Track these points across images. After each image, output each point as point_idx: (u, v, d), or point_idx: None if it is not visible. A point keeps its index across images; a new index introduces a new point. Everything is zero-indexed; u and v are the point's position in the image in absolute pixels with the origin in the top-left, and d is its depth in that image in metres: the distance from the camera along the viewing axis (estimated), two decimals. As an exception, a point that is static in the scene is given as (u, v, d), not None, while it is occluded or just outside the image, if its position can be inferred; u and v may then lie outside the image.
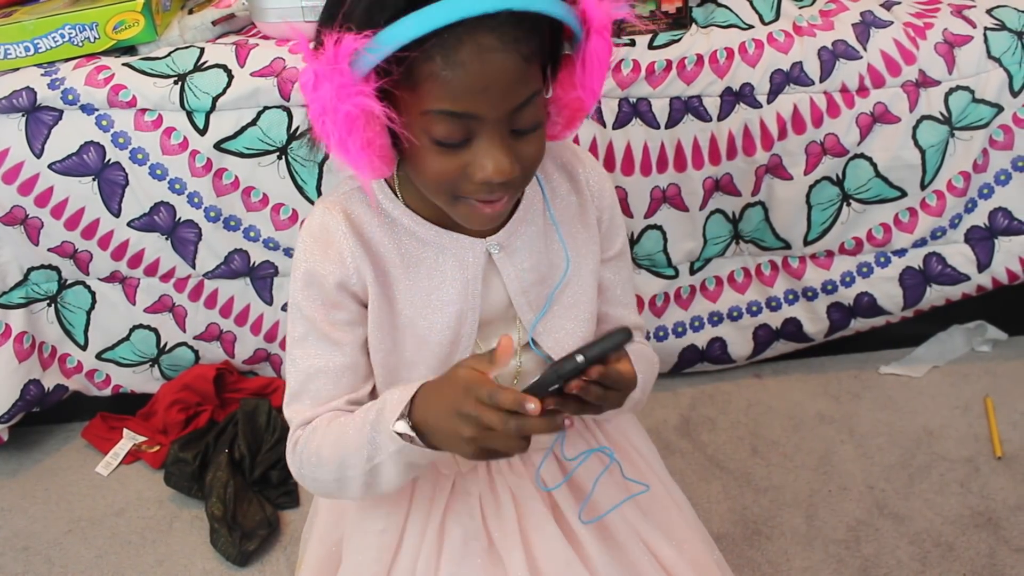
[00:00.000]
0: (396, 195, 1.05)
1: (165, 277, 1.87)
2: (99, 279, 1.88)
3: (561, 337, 1.11)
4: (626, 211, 1.84)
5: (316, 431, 1.05)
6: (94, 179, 1.76)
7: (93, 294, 1.89)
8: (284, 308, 1.90)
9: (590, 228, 1.13)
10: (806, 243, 1.89)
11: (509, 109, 0.90)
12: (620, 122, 1.77)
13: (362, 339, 1.07)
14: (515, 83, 0.89)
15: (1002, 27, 1.78)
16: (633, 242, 1.88)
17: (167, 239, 1.82)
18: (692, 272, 1.94)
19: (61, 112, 1.72)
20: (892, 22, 1.79)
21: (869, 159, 1.81)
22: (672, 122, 1.77)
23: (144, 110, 1.72)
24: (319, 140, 0.93)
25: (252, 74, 1.71)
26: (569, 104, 0.99)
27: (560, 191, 1.13)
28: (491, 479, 1.14)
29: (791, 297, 1.96)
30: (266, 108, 1.72)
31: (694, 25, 1.81)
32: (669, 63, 1.74)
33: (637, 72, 1.73)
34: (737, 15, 1.82)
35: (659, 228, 1.86)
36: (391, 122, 0.88)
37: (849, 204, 1.85)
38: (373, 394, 1.10)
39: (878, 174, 1.82)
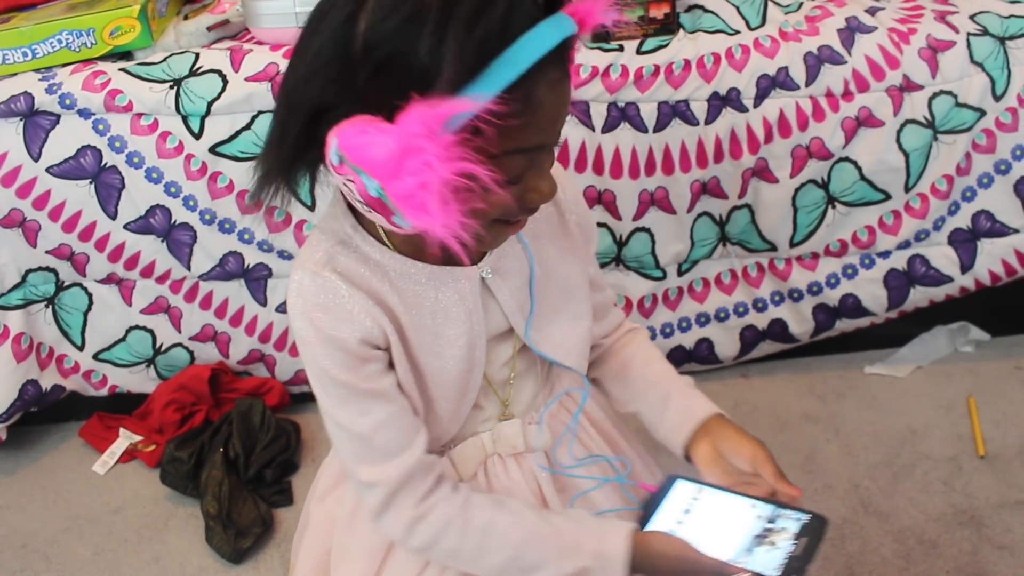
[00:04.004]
0: (384, 242, 1.01)
1: (161, 279, 1.89)
2: (96, 281, 1.89)
3: (558, 339, 1.12)
4: (615, 214, 1.87)
5: (473, 522, 1.02)
6: (91, 182, 1.78)
7: (90, 296, 1.91)
8: (278, 309, 1.92)
9: (571, 235, 1.14)
10: (792, 245, 1.91)
11: (561, 130, 0.91)
12: (609, 126, 1.79)
13: (396, 380, 1.02)
14: (568, 105, 0.90)
15: (984, 33, 1.80)
16: (622, 244, 1.90)
17: (163, 241, 1.84)
18: (680, 274, 1.96)
19: (58, 116, 1.74)
20: (876, 27, 1.81)
21: (854, 162, 1.83)
22: (660, 126, 1.79)
23: (140, 114, 1.74)
24: (383, 214, 0.86)
25: (246, 79, 1.73)
26: None
27: (545, 219, 1.12)
28: (489, 485, 1.14)
29: (777, 298, 1.98)
30: (260, 112, 1.74)
31: (681, 30, 1.82)
32: (657, 68, 1.76)
33: (625, 77, 1.76)
34: (724, 20, 1.84)
35: (647, 231, 1.89)
36: (497, 184, 0.82)
37: (834, 207, 1.87)
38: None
39: (863, 177, 1.84)
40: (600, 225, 1.88)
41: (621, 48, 1.78)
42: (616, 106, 1.78)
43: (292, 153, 0.92)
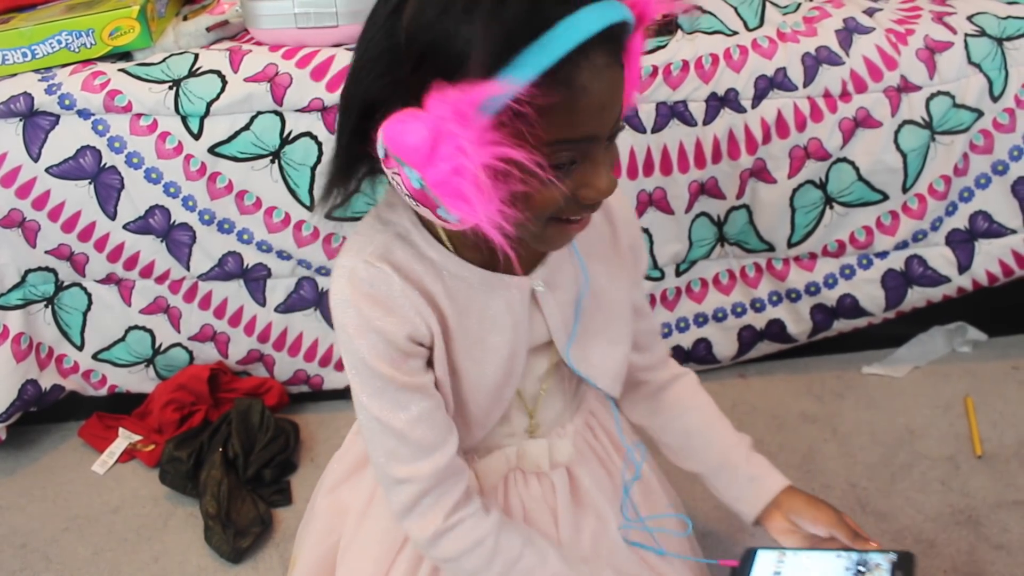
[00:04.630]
0: (442, 242, 1.00)
1: (160, 279, 1.89)
2: (95, 281, 1.90)
3: (596, 360, 1.11)
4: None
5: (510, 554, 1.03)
6: (90, 183, 1.78)
7: (89, 296, 1.91)
8: (277, 309, 1.92)
9: (622, 255, 1.13)
10: (790, 245, 1.92)
11: (615, 122, 0.88)
12: (607, 127, 1.79)
13: (434, 378, 1.02)
14: (620, 95, 0.87)
15: (982, 33, 1.81)
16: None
17: (162, 242, 1.84)
18: (678, 274, 1.96)
19: (58, 117, 1.74)
20: (874, 28, 1.82)
21: (851, 163, 1.84)
22: (658, 127, 1.80)
23: (139, 115, 1.74)
24: (428, 206, 0.86)
25: (245, 79, 1.73)
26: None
27: (594, 219, 1.08)
28: (508, 498, 1.15)
29: (775, 298, 1.99)
30: (259, 113, 1.74)
31: (680, 31, 1.83)
32: (655, 69, 1.77)
33: (624, 78, 1.76)
34: (722, 21, 1.84)
35: (645, 231, 1.89)
36: (539, 168, 0.81)
37: (832, 207, 1.88)
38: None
39: (860, 178, 1.85)
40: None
41: (619, 49, 1.78)
42: (614, 107, 1.78)
43: (348, 151, 0.94)
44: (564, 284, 1.07)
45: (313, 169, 1.77)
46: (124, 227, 1.82)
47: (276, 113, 1.74)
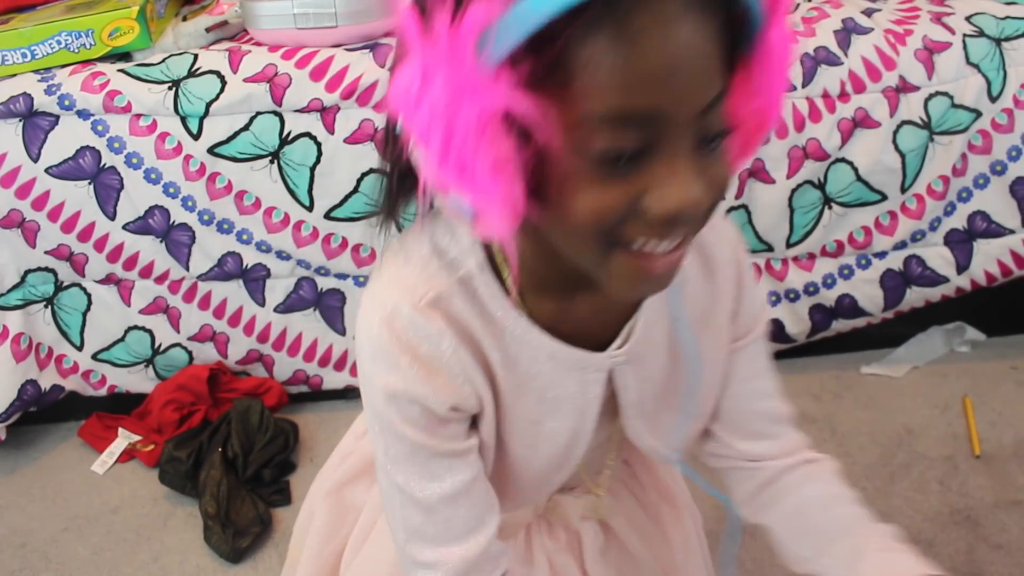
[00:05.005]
0: (504, 289, 0.78)
1: (159, 279, 1.89)
2: (95, 281, 1.90)
3: (662, 431, 0.91)
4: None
5: None
6: (90, 183, 1.78)
7: (89, 296, 1.91)
8: (276, 309, 1.92)
9: (719, 325, 0.88)
10: (788, 246, 1.92)
11: (699, 107, 0.61)
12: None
13: (476, 443, 0.82)
14: (706, 69, 0.61)
15: (980, 34, 1.81)
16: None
17: (161, 242, 1.84)
18: (677, 274, 1.96)
19: (57, 117, 1.75)
20: (873, 29, 1.82)
21: (850, 163, 1.84)
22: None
23: (139, 115, 1.75)
24: (441, 188, 0.64)
25: (245, 80, 1.73)
26: (746, 119, 0.70)
27: (691, 276, 0.85)
28: (529, 546, 1.02)
29: (774, 299, 1.99)
30: (259, 113, 1.74)
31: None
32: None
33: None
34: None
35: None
36: (542, 132, 0.61)
37: (831, 207, 1.88)
38: None
39: (859, 178, 1.85)
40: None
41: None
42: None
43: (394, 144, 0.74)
44: (652, 356, 0.85)
45: (312, 169, 1.77)
46: (123, 227, 1.82)
47: (275, 113, 1.74)
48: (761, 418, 0.93)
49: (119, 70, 1.75)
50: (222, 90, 1.73)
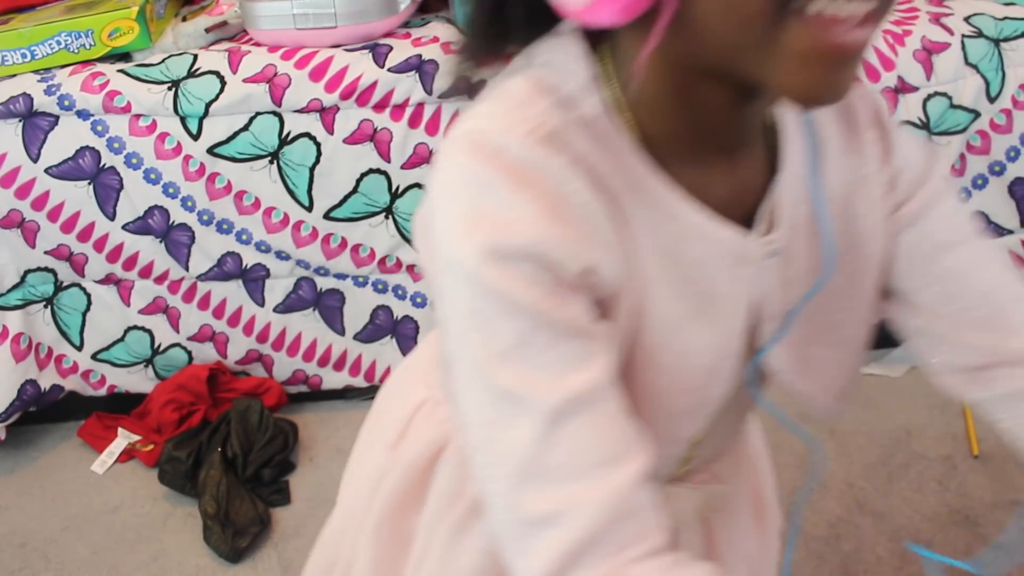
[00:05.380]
0: (635, 141, 0.60)
1: (159, 279, 1.90)
2: (94, 281, 1.90)
3: (819, 369, 0.74)
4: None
5: None
6: (89, 183, 1.78)
7: (88, 296, 1.91)
8: (276, 309, 1.92)
9: (871, 212, 0.69)
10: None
11: None
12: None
13: (612, 332, 0.60)
14: None
15: (979, 35, 1.81)
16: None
17: (161, 242, 1.85)
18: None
19: (57, 118, 1.75)
20: (871, 29, 1.82)
21: (849, 164, 1.84)
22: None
23: (138, 116, 1.75)
24: None
25: (244, 80, 1.73)
26: None
27: (831, 139, 0.68)
28: None
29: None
30: (258, 114, 1.75)
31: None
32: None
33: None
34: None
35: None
36: None
37: (830, 208, 1.88)
38: None
39: (858, 178, 1.85)
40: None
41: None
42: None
43: None
44: (796, 250, 0.67)
45: (311, 170, 1.77)
46: (123, 227, 1.83)
47: (275, 114, 1.74)
48: (997, 299, 0.69)
49: (119, 70, 1.76)
50: (222, 90, 1.73)
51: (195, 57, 1.77)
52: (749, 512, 0.89)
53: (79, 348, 1.95)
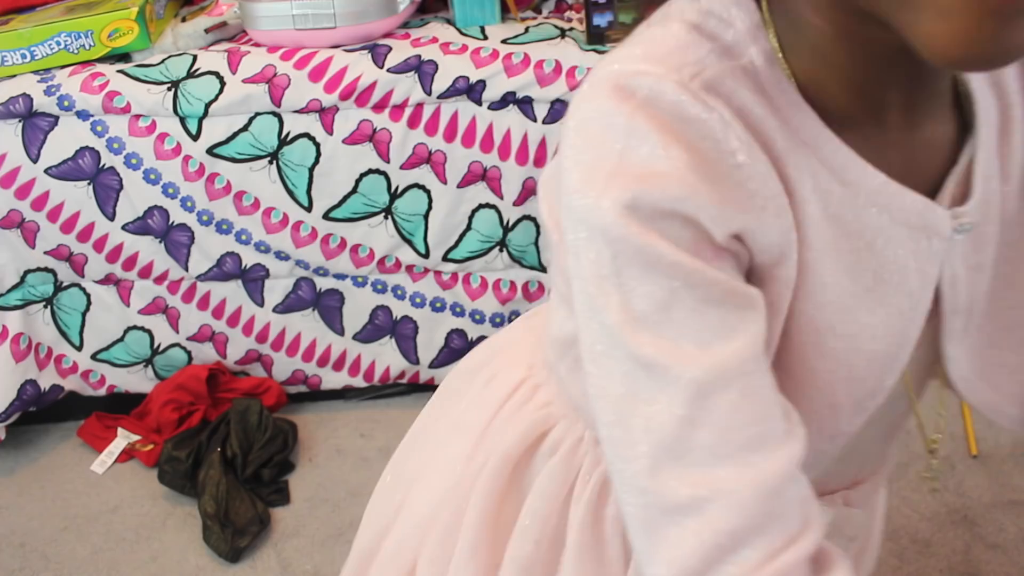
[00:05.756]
0: (802, 99, 0.54)
1: (159, 279, 1.90)
2: (94, 281, 1.90)
3: (1002, 378, 0.65)
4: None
5: None
6: (89, 183, 1.79)
7: (88, 296, 1.91)
8: (275, 309, 1.93)
9: None
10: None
11: None
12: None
13: (766, 298, 0.53)
14: None
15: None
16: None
17: (160, 242, 1.85)
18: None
19: (57, 118, 1.75)
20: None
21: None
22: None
23: (138, 116, 1.75)
24: None
25: (244, 81, 1.73)
26: None
27: (1017, 105, 0.60)
28: None
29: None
30: (257, 114, 1.75)
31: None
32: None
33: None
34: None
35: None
36: None
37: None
38: None
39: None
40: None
41: (616, 50, 1.77)
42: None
43: None
44: (986, 228, 0.59)
45: (311, 170, 1.78)
46: (123, 228, 1.83)
47: (274, 114, 1.75)
48: None
49: (118, 71, 1.76)
50: (221, 91, 1.73)
51: (195, 58, 1.78)
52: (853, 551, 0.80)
53: (79, 348, 1.96)
